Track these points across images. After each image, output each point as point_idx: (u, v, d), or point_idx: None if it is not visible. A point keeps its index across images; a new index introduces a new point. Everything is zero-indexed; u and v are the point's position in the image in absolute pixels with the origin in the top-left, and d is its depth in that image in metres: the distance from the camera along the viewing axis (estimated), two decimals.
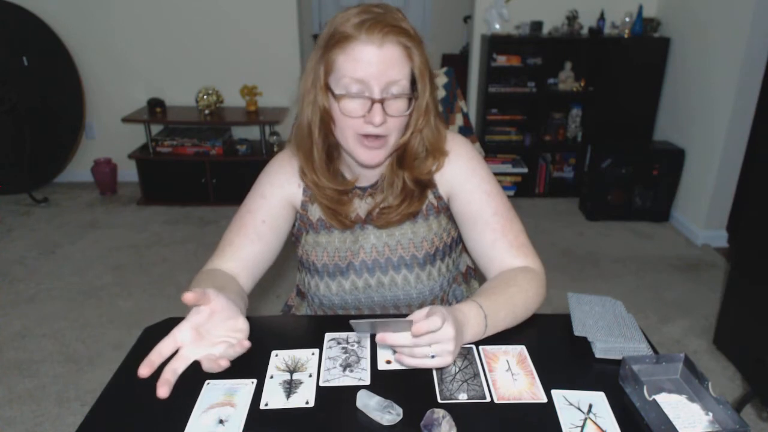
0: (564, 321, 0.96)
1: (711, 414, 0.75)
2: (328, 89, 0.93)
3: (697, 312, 2.50)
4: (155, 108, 3.72)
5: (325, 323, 0.94)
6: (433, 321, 0.75)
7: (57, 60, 3.68)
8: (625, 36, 3.48)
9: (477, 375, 0.84)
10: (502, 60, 3.59)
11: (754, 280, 1.99)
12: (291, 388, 0.81)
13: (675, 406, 0.76)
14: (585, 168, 3.73)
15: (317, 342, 0.92)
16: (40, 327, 2.40)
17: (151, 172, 3.66)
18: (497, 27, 3.60)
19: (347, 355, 0.89)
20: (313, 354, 0.89)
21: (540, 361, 0.87)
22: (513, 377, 0.83)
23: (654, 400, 0.73)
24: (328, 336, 0.93)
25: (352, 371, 0.85)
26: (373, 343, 0.90)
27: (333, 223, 1.05)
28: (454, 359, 0.81)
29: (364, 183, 1.06)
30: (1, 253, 3.04)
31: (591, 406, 0.78)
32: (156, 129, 3.79)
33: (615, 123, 3.64)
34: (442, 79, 1.31)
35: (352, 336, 0.93)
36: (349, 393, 0.79)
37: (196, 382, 0.82)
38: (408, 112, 0.94)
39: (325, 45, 0.92)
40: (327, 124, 0.96)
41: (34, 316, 2.48)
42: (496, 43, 3.55)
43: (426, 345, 0.78)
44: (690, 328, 2.39)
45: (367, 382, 0.82)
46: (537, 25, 3.55)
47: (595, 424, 0.75)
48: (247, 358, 0.88)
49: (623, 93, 3.57)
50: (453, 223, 1.10)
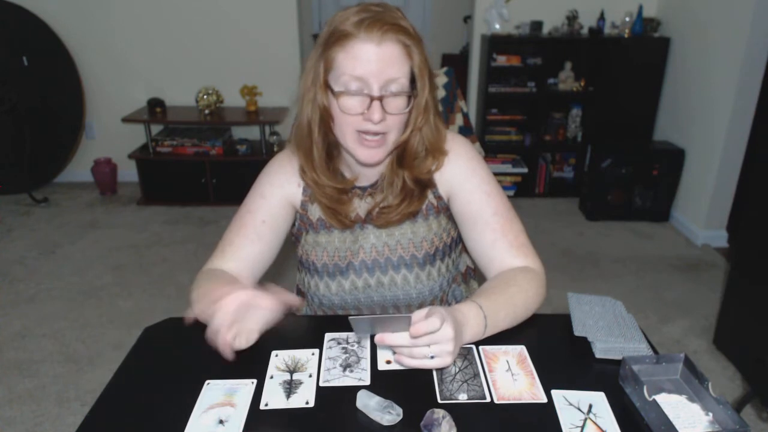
0: (564, 321, 0.96)
1: (711, 414, 0.75)
2: (328, 87, 0.93)
3: (697, 312, 2.50)
4: (155, 108, 3.72)
5: (325, 323, 0.94)
6: (432, 322, 0.75)
7: (57, 60, 3.68)
8: (625, 36, 3.47)
9: (477, 375, 0.84)
10: (502, 60, 3.59)
11: (754, 280, 1.99)
12: (291, 388, 0.81)
13: (675, 406, 0.76)
14: (585, 168, 3.73)
15: (317, 342, 0.92)
16: (40, 327, 2.40)
17: (151, 172, 3.66)
18: (497, 27, 3.60)
19: (347, 355, 0.89)
20: (313, 354, 0.89)
21: (540, 361, 0.87)
22: (513, 377, 0.83)
23: (654, 400, 0.73)
24: (328, 336, 0.93)
25: (352, 371, 0.85)
26: (373, 344, 0.90)
27: (333, 222, 1.05)
28: (454, 360, 0.81)
29: (363, 183, 1.06)
30: (1, 253, 3.04)
31: (591, 406, 0.78)
32: (156, 129, 3.79)
33: (615, 123, 3.64)
34: (442, 79, 1.31)
35: (352, 336, 0.93)
36: (349, 393, 0.79)
37: (196, 382, 0.82)
38: (407, 110, 0.94)
39: (324, 43, 0.93)
40: (326, 122, 0.96)
41: (34, 316, 2.48)
42: (496, 43, 3.55)
43: (425, 345, 0.78)
44: (690, 328, 2.39)
45: (367, 382, 0.82)
46: (537, 25, 3.55)
47: (595, 424, 0.75)
48: (247, 358, 0.88)
49: (623, 93, 3.56)
50: (453, 223, 1.10)
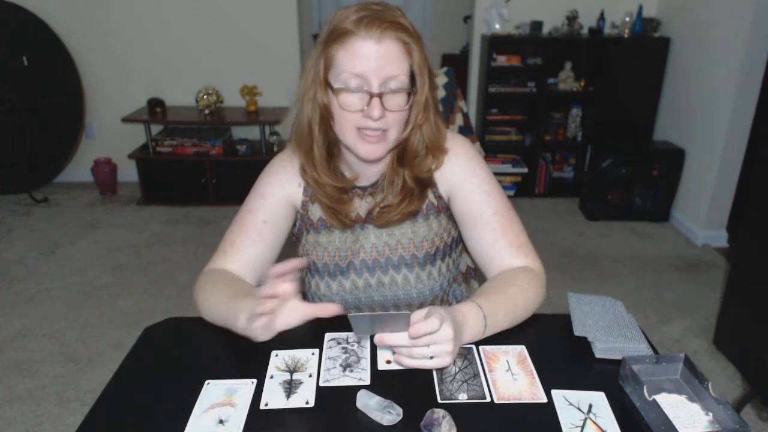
0: (564, 321, 0.96)
1: (711, 414, 0.75)
2: (328, 84, 0.94)
3: (697, 312, 2.50)
4: (155, 108, 3.72)
5: (325, 323, 0.94)
6: (431, 322, 0.75)
7: (57, 60, 3.68)
8: (625, 36, 3.47)
9: (477, 375, 0.84)
10: (502, 60, 3.59)
11: (754, 280, 1.99)
12: (291, 388, 0.81)
13: (675, 406, 0.76)
14: (585, 168, 3.73)
15: (317, 342, 0.92)
16: (40, 327, 2.40)
17: (151, 172, 3.66)
18: (497, 27, 3.60)
19: (347, 355, 0.89)
20: (313, 354, 0.89)
21: (540, 361, 0.87)
22: (513, 377, 0.83)
23: (654, 400, 0.73)
24: (328, 336, 0.93)
25: (352, 371, 0.85)
26: (373, 343, 0.90)
27: (333, 222, 1.05)
28: (453, 360, 0.81)
29: (364, 182, 1.06)
30: (1, 253, 3.04)
31: (591, 406, 0.78)
32: (156, 129, 3.79)
33: (615, 123, 3.64)
34: (442, 79, 1.31)
35: (352, 336, 0.93)
36: (349, 393, 0.79)
37: (196, 382, 0.82)
38: (407, 107, 0.95)
39: (324, 41, 0.93)
40: (327, 120, 0.97)
41: (34, 316, 2.48)
42: (496, 43, 3.55)
43: (424, 346, 0.78)
44: (690, 328, 2.39)
45: (367, 382, 0.82)
46: (537, 25, 3.55)
47: (595, 424, 0.75)
48: (247, 358, 0.89)
49: (623, 93, 3.56)
50: (453, 222, 1.10)
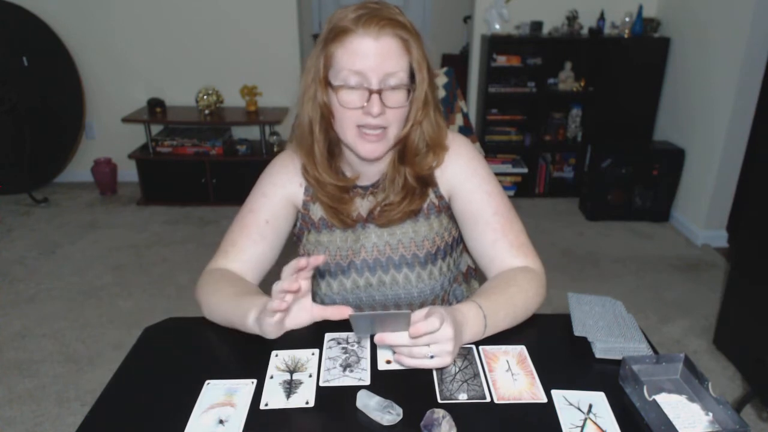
0: (564, 321, 0.96)
1: (711, 414, 0.75)
2: (328, 83, 0.94)
3: (697, 312, 2.50)
4: (155, 108, 3.72)
5: (325, 323, 0.94)
6: (431, 322, 0.75)
7: (57, 60, 3.67)
8: (625, 36, 3.47)
9: (477, 375, 0.84)
10: (502, 60, 3.59)
11: (754, 280, 1.99)
12: (291, 388, 0.81)
13: (675, 406, 0.76)
14: (585, 168, 3.73)
15: (317, 342, 0.92)
16: (40, 327, 2.40)
17: (151, 172, 3.66)
18: (497, 27, 3.60)
19: (347, 355, 0.89)
20: (313, 354, 0.89)
21: (540, 361, 0.87)
22: (513, 377, 0.83)
23: (654, 400, 0.73)
24: (328, 336, 0.93)
25: (352, 371, 0.85)
26: (373, 344, 0.90)
27: (334, 222, 1.06)
28: (453, 360, 0.81)
29: (365, 182, 1.07)
30: (1, 253, 3.04)
31: (591, 406, 0.78)
32: (156, 129, 3.78)
33: (615, 123, 3.64)
34: (442, 79, 1.31)
35: (352, 336, 0.93)
36: (349, 393, 0.79)
37: (196, 382, 0.82)
38: (406, 104, 0.95)
39: (324, 40, 0.94)
40: (327, 119, 0.97)
41: (34, 316, 2.48)
42: (496, 43, 3.55)
43: (425, 345, 0.78)
44: (690, 328, 2.39)
45: (367, 382, 0.82)
46: (537, 25, 3.55)
47: (595, 424, 0.75)
48: (247, 358, 0.89)
49: (623, 93, 3.56)
50: (454, 222, 1.10)
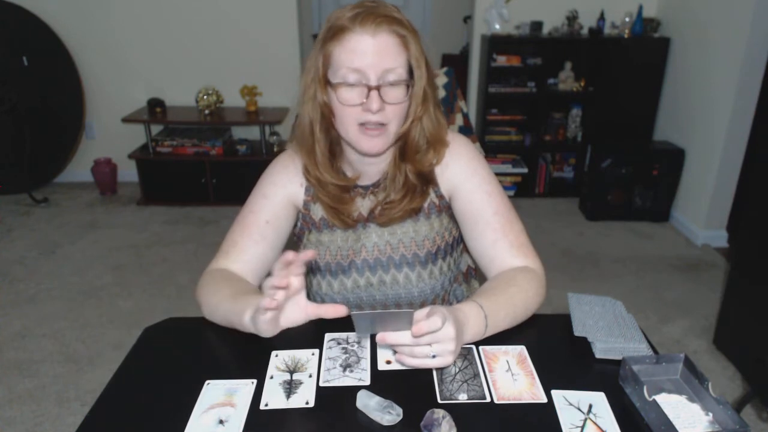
0: (564, 321, 0.96)
1: (711, 414, 0.75)
2: (327, 82, 0.94)
3: (697, 312, 2.50)
4: (155, 108, 3.72)
5: (325, 323, 0.94)
6: (434, 321, 0.75)
7: (57, 60, 3.67)
8: (625, 36, 3.47)
9: (477, 375, 0.84)
10: (502, 60, 3.59)
11: (754, 280, 1.99)
12: (291, 388, 0.81)
13: (675, 406, 0.76)
14: (585, 168, 3.73)
15: (317, 342, 0.92)
16: (40, 327, 2.40)
17: (151, 172, 3.66)
18: (497, 27, 3.60)
19: (347, 355, 0.88)
20: (313, 354, 0.89)
21: (540, 361, 0.87)
22: (513, 377, 0.83)
23: (654, 400, 0.73)
24: (328, 336, 0.93)
25: (352, 371, 0.85)
26: (373, 344, 0.90)
27: (335, 222, 1.06)
28: (455, 359, 0.81)
29: (366, 181, 1.07)
30: (1, 253, 3.04)
31: (591, 407, 0.78)
32: (156, 129, 3.78)
33: (615, 123, 3.64)
34: (442, 79, 1.31)
35: (352, 336, 0.93)
36: (349, 393, 0.79)
37: (196, 382, 0.82)
38: (405, 99, 0.95)
39: (322, 40, 0.95)
40: (327, 119, 0.98)
41: (34, 316, 2.48)
42: (496, 43, 3.55)
43: (426, 345, 0.78)
44: (690, 328, 2.39)
45: (367, 383, 0.82)
46: (537, 25, 3.55)
47: (595, 424, 0.75)
48: (247, 358, 0.89)
49: (623, 93, 3.56)
50: (454, 222, 1.10)
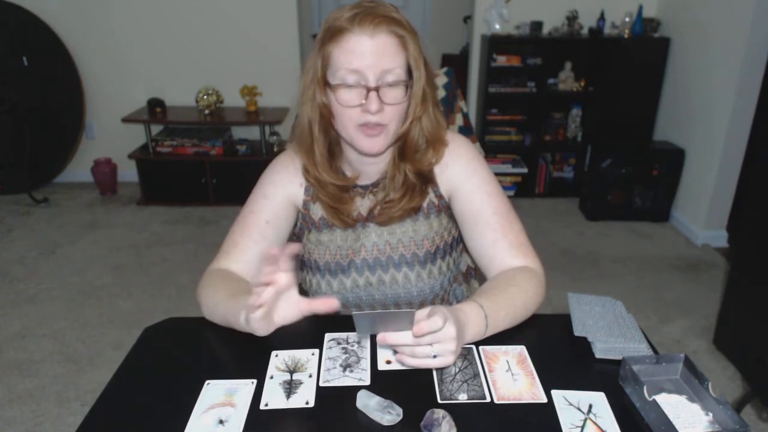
0: (564, 321, 0.96)
1: (711, 414, 0.75)
2: (326, 83, 0.94)
3: (697, 312, 2.50)
4: (155, 108, 3.72)
5: (325, 323, 0.94)
6: (435, 321, 0.75)
7: (57, 60, 3.67)
8: (625, 36, 3.47)
9: (477, 375, 0.84)
10: (502, 60, 3.59)
11: (754, 280, 1.99)
12: (291, 388, 0.81)
13: (675, 406, 0.76)
14: (585, 168, 3.73)
15: (317, 342, 0.92)
16: (40, 327, 2.40)
17: (151, 172, 3.66)
18: (497, 27, 3.60)
19: (347, 355, 0.89)
20: (313, 354, 0.89)
21: (540, 361, 0.87)
22: (513, 377, 0.83)
23: (654, 400, 0.73)
24: (328, 336, 0.93)
25: (352, 371, 0.85)
26: (373, 344, 0.90)
27: (335, 221, 1.06)
28: (456, 359, 0.81)
29: (365, 181, 1.07)
30: (1, 253, 3.04)
31: (591, 406, 0.78)
32: (156, 129, 3.78)
33: (615, 123, 3.64)
34: (442, 79, 1.31)
35: (352, 336, 0.93)
36: (349, 393, 0.79)
37: (196, 382, 0.82)
38: (404, 100, 0.95)
39: (321, 41, 0.95)
40: (327, 119, 0.98)
41: (34, 316, 2.48)
42: (496, 43, 3.55)
43: (427, 345, 0.78)
44: (690, 328, 2.39)
45: (367, 383, 0.82)
46: (537, 25, 3.55)
47: (595, 424, 0.75)
48: (247, 358, 0.89)
49: (623, 93, 3.56)
50: (454, 222, 1.10)
